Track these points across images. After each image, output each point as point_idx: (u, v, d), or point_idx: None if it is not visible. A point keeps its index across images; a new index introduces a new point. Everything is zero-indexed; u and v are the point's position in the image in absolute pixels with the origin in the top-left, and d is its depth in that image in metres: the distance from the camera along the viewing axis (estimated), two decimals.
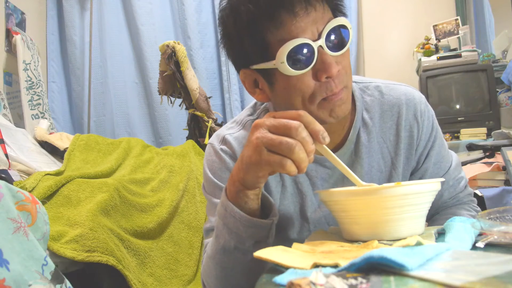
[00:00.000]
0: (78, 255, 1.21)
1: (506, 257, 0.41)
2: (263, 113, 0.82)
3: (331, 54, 0.66)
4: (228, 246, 0.65)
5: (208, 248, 0.71)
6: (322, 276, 0.38)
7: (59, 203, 1.40)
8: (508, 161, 1.63)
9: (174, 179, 1.90)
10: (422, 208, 0.59)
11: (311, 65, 0.65)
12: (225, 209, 0.63)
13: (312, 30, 0.65)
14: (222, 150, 0.79)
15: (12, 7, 2.50)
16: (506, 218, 0.59)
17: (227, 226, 0.64)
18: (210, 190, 0.80)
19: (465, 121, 2.27)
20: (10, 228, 0.96)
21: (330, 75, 0.65)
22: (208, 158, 0.81)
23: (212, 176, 0.79)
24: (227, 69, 2.92)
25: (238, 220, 0.62)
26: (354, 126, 0.79)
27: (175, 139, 2.89)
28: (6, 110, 2.21)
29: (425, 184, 0.58)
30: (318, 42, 0.64)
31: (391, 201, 0.55)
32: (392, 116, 0.80)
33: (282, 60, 0.64)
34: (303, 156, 0.54)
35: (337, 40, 0.66)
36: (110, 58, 2.94)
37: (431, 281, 0.36)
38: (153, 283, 1.47)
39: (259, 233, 0.63)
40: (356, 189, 0.60)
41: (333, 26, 0.65)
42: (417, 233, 0.59)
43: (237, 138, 0.80)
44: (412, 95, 0.81)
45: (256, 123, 0.57)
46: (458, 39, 2.67)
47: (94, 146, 2.00)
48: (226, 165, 0.78)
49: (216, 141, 0.81)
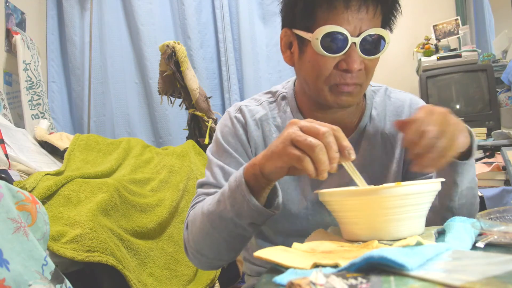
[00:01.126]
0: (78, 255, 1.21)
1: (506, 257, 0.41)
2: (280, 99, 0.89)
3: (360, 54, 0.72)
4: (225, 215, 0.69)
5: (206, 205, 0.75)
6: (322, 276, 0.38)
7: (59, 203, 1.40)
8: (508, 161, 1.64)
9: (174, 179, 1.90)
10: (422, 208, 0.59)
11: (339, 53, 0.72)
12: (237, 185, 0.67)
13: (356, 26, 0.71)
14: (236, 117, 0.87)
15: (12, 7, 2.50)
16: (506, 218, 0.59)
17: (233, 199, 0.67)
18: (214, 149, 0.87)
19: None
20: (10, 228, 0.96)
21: (350, 69, 0.72)
22: (222, 122, 0.89)
23: (220, 137, 0.86)
24: (227, 69, 2.92)
25: (246, 201, 0.65)
26: (363, 120, 0.86)
27: (175, 139, 2.89)
28: (6, 110, 2.21)
29: (425, 184, 0.57)
30: (355, 39, 0.71)
31: (391, 201, 0.55)
32: (396, 116, 0.87)
33: (317, 37, 0.71)
34: (323, 158, 0.55)
35: (371, 46, 0.73)
36: (110, 58, 2.93)
37: (431, 281, 0.36)
38: (153, 283, 1.47)
39: (259, 218, 0.68)
40: (356, 189, 0.60)
41: (373, 33, 0.72)
42: (417, 233, 0.59)
43: (251, 111, 0.87)
44: (417, 101, 0.90)
45: (291, 122, 0.61)
46: (458, 39, 2.67)
47: (94, 146, 2.00)
48: (236, 131, 0.85)
49: (232, 109, 0.89)
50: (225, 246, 0.74)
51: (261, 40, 2.98)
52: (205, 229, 0.74)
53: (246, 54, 2.92)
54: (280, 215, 0.75)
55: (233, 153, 0.84)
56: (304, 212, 0.84)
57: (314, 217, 0.84)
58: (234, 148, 0.85)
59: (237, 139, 0.85)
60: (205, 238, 0.75)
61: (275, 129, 0.86)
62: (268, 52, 3.00)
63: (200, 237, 0.76)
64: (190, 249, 0.80)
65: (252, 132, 0.85)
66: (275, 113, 0.88)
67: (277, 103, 0.89)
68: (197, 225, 0.76)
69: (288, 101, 0.88)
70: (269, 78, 2.97)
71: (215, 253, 0.76)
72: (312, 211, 0.84)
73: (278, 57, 2.99)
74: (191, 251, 0.80)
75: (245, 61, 2.92)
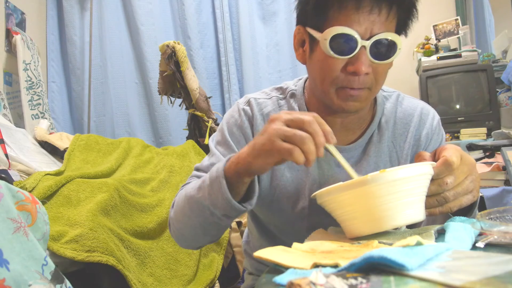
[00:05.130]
0: (78, 255, 1.21)
1: (506, 257, 0.41)
2: (289, 96, 0.89)
3: (370, 58, 0.70)
4: (202, 202, 0.71)
5: (189, 188, 0.77)
6: (322, 276, 0.38)
7: (59, 203, 1.40)
8: (508, 161, 1.64)
9: (174, 179, 1.90)
10: (415, 193, 0.58)
11: (348, 56, 0.70)
12: (216, 176, 0.68)
13: (367, 28, 0.69)
14: (243, 110, 0.87)
15: (12, 7, 2.50)
16: (506, 218, 0.59)
17: (210, 189, 0.69)
18: (217, 139, 0.88)
19: (465, 121, 2.27)
20: (10, 228, 0.96)
21: (357, 72, 0.70)
22: (229, 113, 0.90)
23: (225, 128, 0.87)
24: (227, 69, 2.92)
25: (221, 193, 0.66)
26: (371, 127, 0.84)
27: (175, 139, 2.89)
28: (6, 110, 2.21)
29: (410, 168, 0.57)
30: (365, 42, 0.69)
31: (379, 189, 0.55)
32: (405, 124, 0.86)
33: (326, 37, 0.70)
34: (312, 147, 0.58)
35: (382, 50, 0.71)
36: (110, 58, 2.93)
37: (431, 281, 0.36)
38: (153, 283, 1.47)
39: (231, 212, 0.69)
40: (343, 183, 0.59)
41: (385, 38, 0.69)
42: (416, 220, 0.58)
43: (259, 104, 0.87)
44: (428, 110, 0.88)
45: (273, 117, 0.62)
46: (458, 39, 2.67)
47: (94, 146, 2.00)
48: (242, 124, 0.86)
49: (242, 101, 0.90)
50: (201, 231, 0.77)
51: (261, 40, 2.98)
52: (185, 211, 0.77)
53: (246, 54, 2.92)
54: (274, 210, 0.79)
55: (234, 147, 0.85)
56: (300, 210, 0.84)
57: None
58: (237, 140, 0.85)
59: (241, 132, 0.86)
60: (184, 220, 0.78)
61: None
62: (268, 52, 3.00)
63: (181, 218, 0.79)
64: (173, 227, 0.83)
65: (257, 126, 0.85)
66: (284, 110, 0.86)
67: (286, 100, 0.89)
68: (180, 206, 0.79)
69: (296, 99, 0.87)
70: (269, 78, 2.97)
71: (192, 235, 0.80)
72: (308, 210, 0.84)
73: (278, 57, 2.99)
74: (173, 229, 0.83)
75: (245, 61, 2.92)
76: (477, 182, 0.66)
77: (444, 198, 0.62)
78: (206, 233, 0.78)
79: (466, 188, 0.63)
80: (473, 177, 0.64)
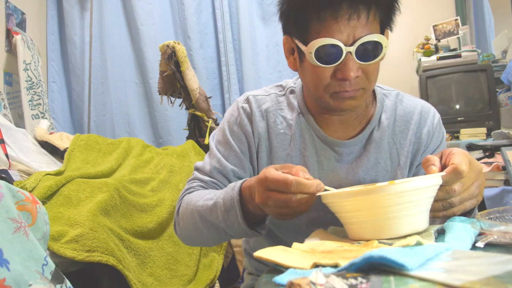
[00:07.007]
0: (78, 255, 1.21)
1: (506, 257, 0.41)
2: (288, 92, 0.90)
3: (357, 61, 0.70)
4: (217, 224, 0.74)
5: (198, 204, 0.78)
6: (322, 276, 0.38)
7: (59, 203, 1.40)
8: (507, 161, 1.64)
9: (174, 179, 1.90)
10: (422, 204, 0.58)
11: (335, 64, 0.71)
12: (232, 206, 0.70)
13: (349, 34, 0.69)
14: (242, 107, 0.89)
15: (12, 7, 2.50)
16: (506, 218, 0.59)
17: (225, 215, 0.71)
18: (218, 138, 0.90)
19: (465, 121, 2.27)
20: (10, 228, 0.96)
21: (346, 78, 0.70)
22: (229, 111, 0.91)
23: (226, 126, 0.89)
24: (227, 69, 2.92)
25: (238, 223, 0.70)
26: (371, 123, 0.85)
27: (175, 139, 2.89)
28: (6, 110, 2.21)
29: (419, 181, 0.57)
30: (349, 48, 0.69)
31: (386, 199, 0.55)
32: (406, 122, 0.86)
33: (311, 51, 0.71)
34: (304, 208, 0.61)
35: (368, 51, 0.71)
36: (110, 58, 2.93)
37: (431, 281, 0.36)
38: (153, 283, 1.47)
39: (246, 235, 0.73)
40: (351, 190, 0.60)
41: (368, 40, 0.69)
42: (419, 230, 0.58)
43: (258, 101, 0.88)
44: (428, 108, 0.88)
45: (261, 201, 0.63)
46: (458, 39, 2.67)
47: (94, 146, 2.00)
48: (241, 121, 0.87)
49: (241, 99, 0.91)
50: (212, 240, 0.84)
51: (261, 40, 2.98)
52: (196, 225, 0.80)
53: (246, 54, 2.92)
54: None
55: (234, 146, 0.86)
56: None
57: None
58: (238, 138, 0.86)
59: (241, 130, 0.87)
60: (195, 230, 0.81)
61: (281, 120, 0.87)
62: (268, 52, 3.00)
63: (191, 228, 0.82)
64: (179, 231, 0.87)
65: (257, 123, 0.86)
66: (283, 105, 0.88)
67: (285, 96, 0.90)
68: (189, 218, 0.81)
69: (295, 95, 0.89)
70: (269, 78, 2.98)
71: (201, 240, 0.86)
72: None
73: (278, 57, 2.99)
74: (180, 232, 0.87)
75: (245, 61, 2.92)
76: (482, 187, 0.66)
77: (450, 203, 0.62)
78: (216, 242, 0.85)
79: (471, 193, 0.64)
80: (479, 183, 0.65)
